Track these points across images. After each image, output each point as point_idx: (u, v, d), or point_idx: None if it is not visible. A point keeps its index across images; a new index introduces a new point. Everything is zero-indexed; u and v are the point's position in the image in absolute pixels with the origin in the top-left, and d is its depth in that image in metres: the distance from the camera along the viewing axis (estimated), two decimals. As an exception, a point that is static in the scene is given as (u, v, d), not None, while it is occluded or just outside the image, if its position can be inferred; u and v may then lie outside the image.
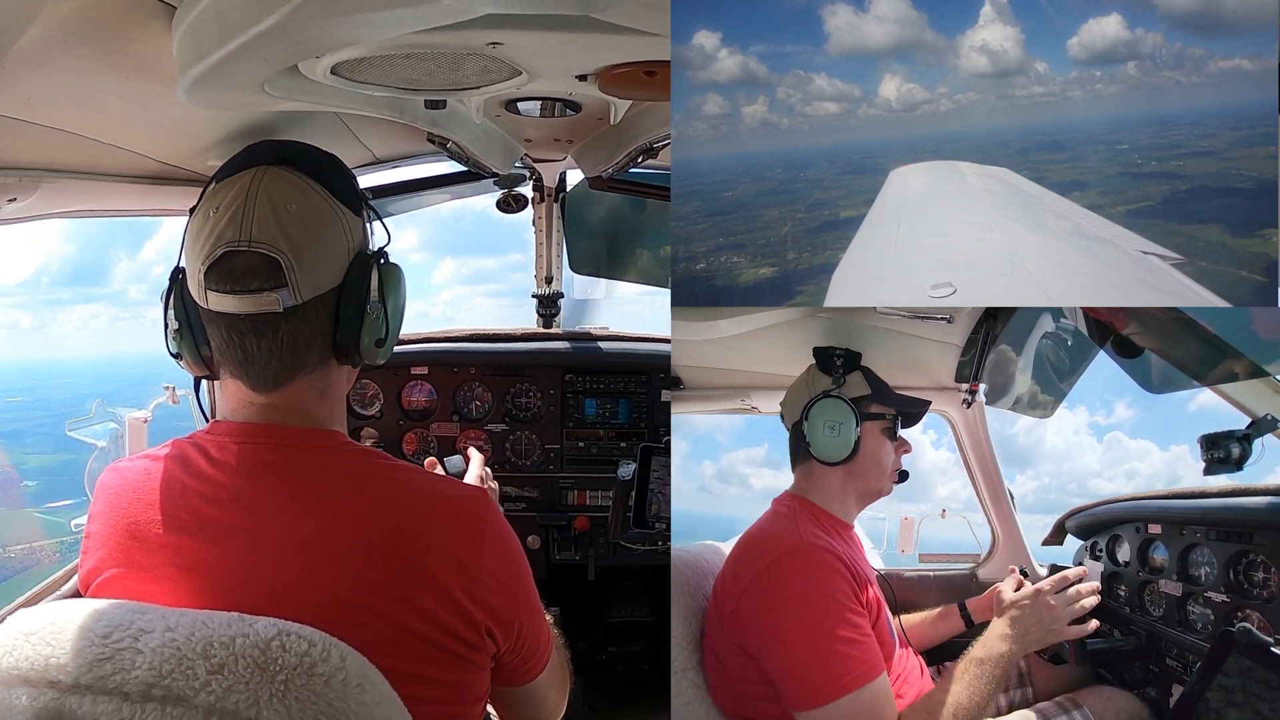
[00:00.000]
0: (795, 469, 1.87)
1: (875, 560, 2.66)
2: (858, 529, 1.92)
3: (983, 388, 2.43)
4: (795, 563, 1.63)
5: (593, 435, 2.99)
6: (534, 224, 3.28)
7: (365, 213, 1.26)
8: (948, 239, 1.97)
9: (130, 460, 1.24)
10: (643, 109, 2.01)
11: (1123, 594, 2.24)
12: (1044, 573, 2.21)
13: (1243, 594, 1.85)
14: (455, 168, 2.75)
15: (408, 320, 1.33)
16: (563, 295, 3.37)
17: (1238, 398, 1.85)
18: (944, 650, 2.15)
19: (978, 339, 2.23)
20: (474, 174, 2.78)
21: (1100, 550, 2.36)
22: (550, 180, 3.17)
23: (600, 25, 1.20)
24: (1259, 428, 1.68)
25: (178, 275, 1.23)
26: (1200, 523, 1.98)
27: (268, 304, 1.13)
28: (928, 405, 1.93)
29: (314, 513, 1.12)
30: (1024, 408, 2.54)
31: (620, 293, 3.58)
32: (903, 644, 1.90)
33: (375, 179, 2.72)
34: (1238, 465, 1.68)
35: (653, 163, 2.42)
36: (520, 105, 1.95)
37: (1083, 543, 2.48)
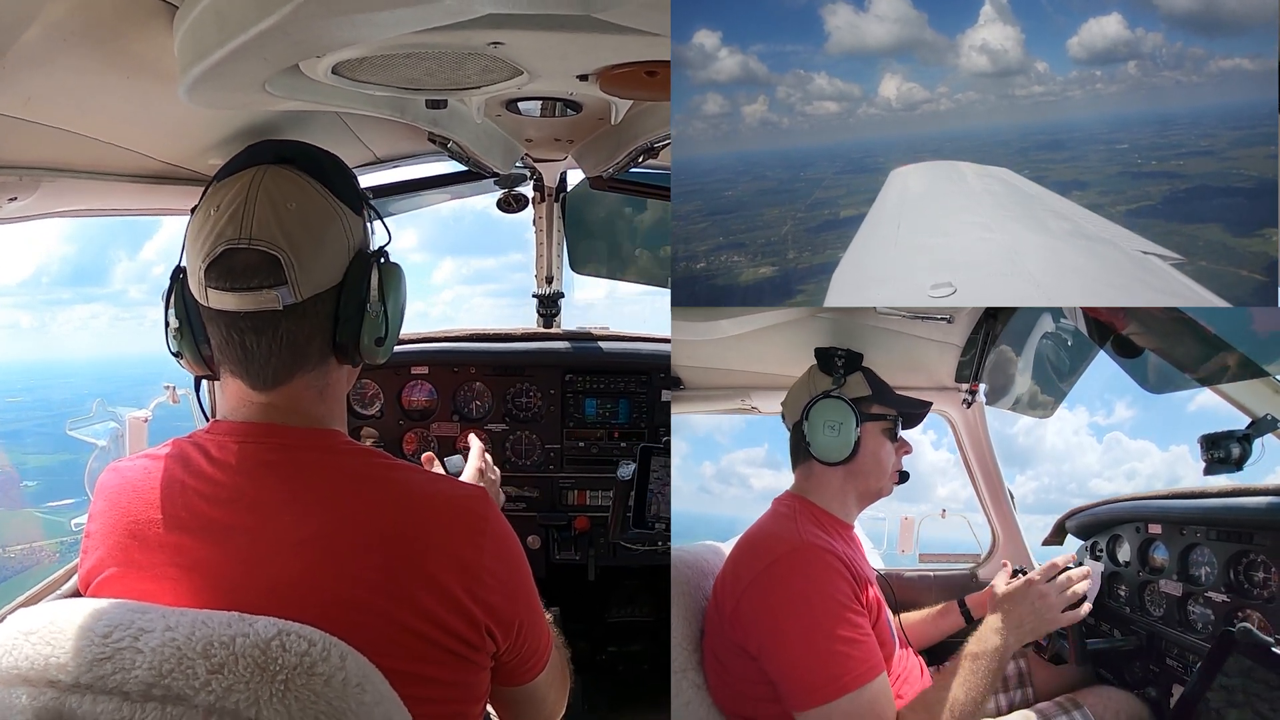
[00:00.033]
0: (796, 469, 1.87)
1: (875, 560, 2.66)
2: (858, 530, 1.92)
3: (983, 388, 2.43)
4: (795, 562, 1.63)
5: (593, 435, 2.99)
6: (534, 224, 3.28)
7: (366, 212, 1.26)
8: (948, 239, 1.97)
9: (130, 460, 1.25)
10: (643, 109, 2.01)
11: (1123, 594, 2.24)
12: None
13: (1243, 594, 1.85)
14: (456, 167, 2.75)
15: (408, 320, 1.33)
16: (563, 295, 3.37)
17: (1238, 398, 1.85)
18: (944, 649, 2.15)
19: (978, 339, 2.23)
20: (475, 174, 2.78)
21: (1100, 550, 2.36)
22: (551, 180, 3.17)
23: (601, 25, 1.20)
24: (1259, 428, 1.68)
25: (179, 274, 1.23)
26: (1200, 523, 1.98)
27: (267, 301, 1.13)
28: (929, 407, 1.92)
29: (314, 512, 1.12)
30: (1024, 408, 2.54)
31: (620, 293, 3.58)
32: (903, 644, 1.90)
33: (376, 178, 2.72)
34: (1238, 465, 1.68)
35: (653, 163, 2.42)
36: (521, 105, 1.95)
37: (1083, 543, 2.48)
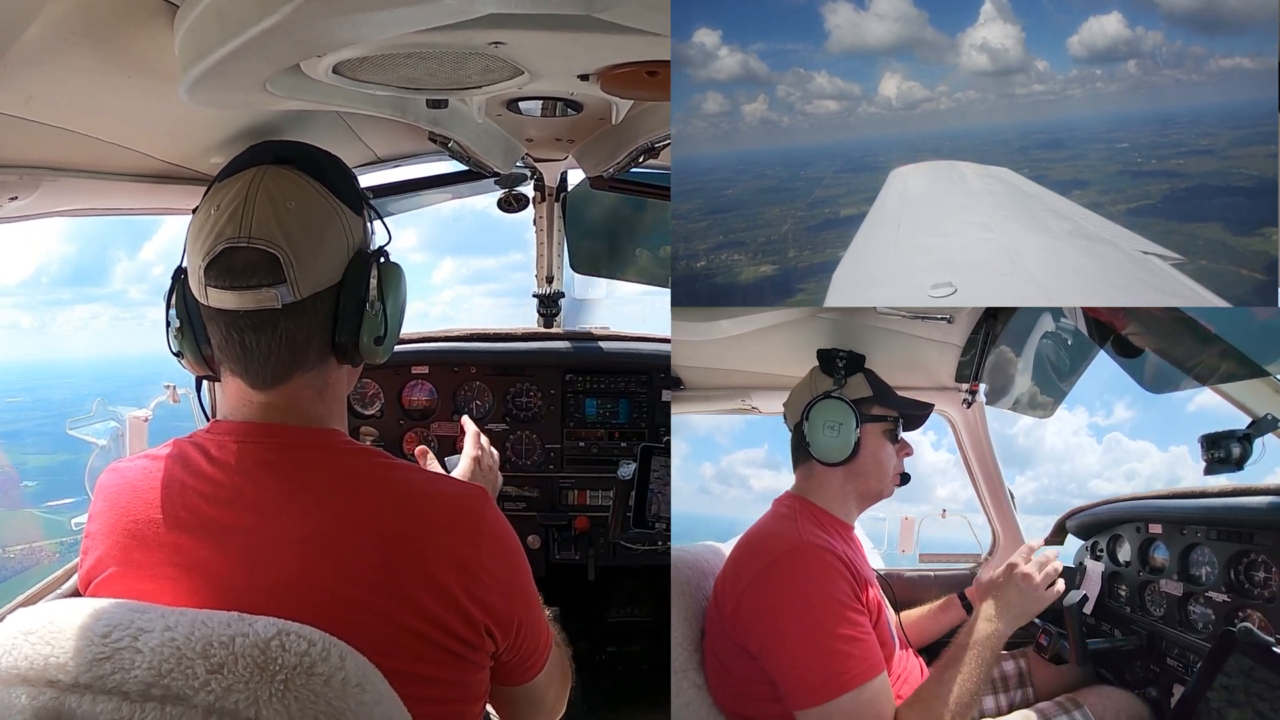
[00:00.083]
0: (796, 470, 1.87)
1: (876, 560, 2.66)
2: (858, 531, 1.92)
3: (983, 388, 2.43)
4: (795, 562, 1.63)
5: (593, 435, 2.99)
6: (535, 223, 3.28)
7: (366, 212, 1.26)
8: (948, 239, 1.97)
9: (130, 460, 1.25)
10: (644, 109, 2.01)
11: (1123, 594, 2.24)
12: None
13: (1243, 594, 1.85)
14: (456, 167, 2.74)
15: (408, 320, 1.33)
16: (563, 295, 3.37)
17: (1238, 397, 1.85)
18: (946, 646, 2.15)
19: (978, 339, 2.23)
20: (475, 173, 2.77)
21: (1101, 550, 2.36)
22: (551, 180, 3.16)
23: (602, 25, 1.20)
24: (1259, 427, 1.68)
25: (180, 275, 1.24)
26: (1201, 522, 1.98)
27: (266, 300, 1.13)
28: (930, 408, 1.92)
29: (313, 512, 1.12)
30: (1024, 408, 2.54)
31: (620, 292, 3.57)
32: (903, 645, 1.90)
33: (377, 178, 2.72)
34: (1238, 465, 1.68)
35: (653, 162, 2.42)
36: (522, 105, 1.95)
37: (1083, 542, 2.48)
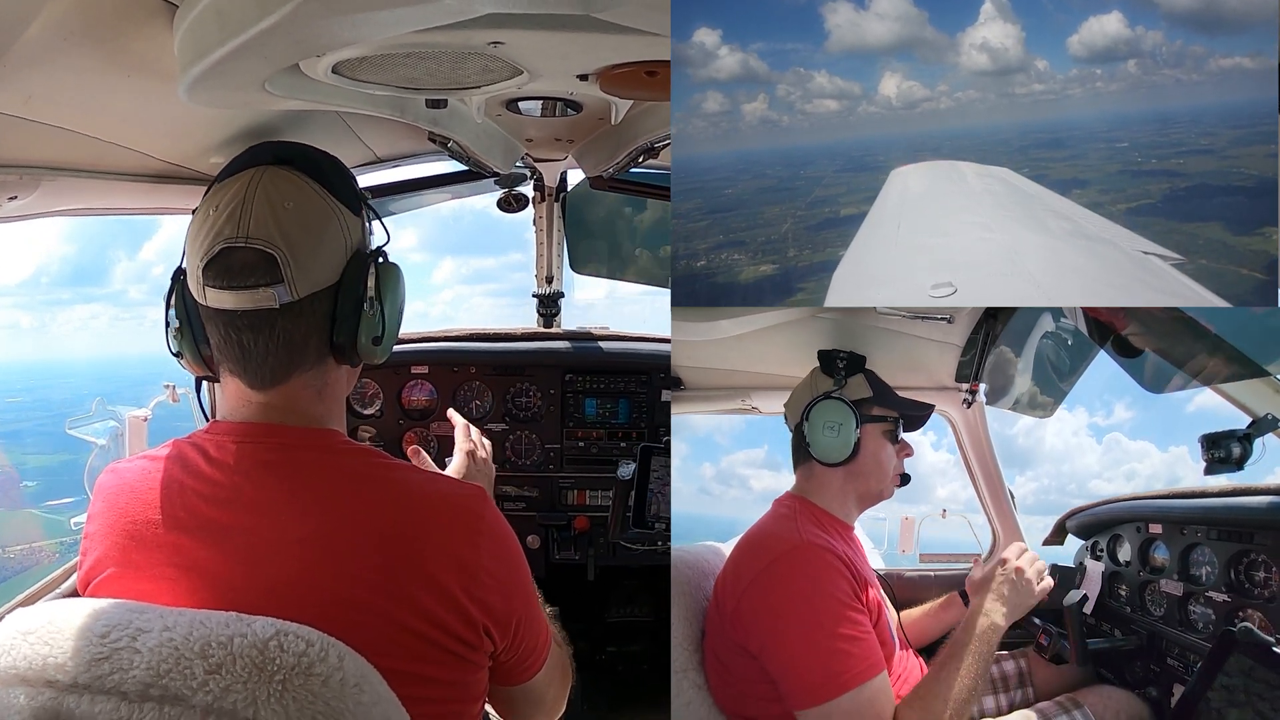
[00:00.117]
0: (797, 470, 1.87)
1: (876, 560, 2.66)
2: (859, 531, 1.92)
3: (983, 388, 2.43)
4: (795, 561, 1.63)
5: (593, 435, 2.99)
6: (535, 223, 3.28)
7: (364, 212, 1.26)
8: (948, 239, 1.96)
9: (129, 461, 1.25)
10: (644, 109, 2.01)
11: (1124, 594, 2.24)
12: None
13: (1244, 593, 1.85)
14: (456, 167, 2.74)
15: (407, 320, 1.33)
16: (563, 295, 3.37)
17: (1238, 397, 1.85)
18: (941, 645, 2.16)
19: (978, 339, 2.23)
20: (475, 173, 2.77)
21: (1101, 550, 2.36)
22: (551, 180, 3.16)
23: (601, 25, 1.20)
24: (1259, 427, 1.68)
25: (179, 275, 1.24)
26: (1201, 522, 1.98)
27: (264, 299, 1.13)
28: (931, 409, 1.92)
29: (312, 512, 1.12)
30: (1024, 408, 2.54)
31: (620, 293, 3.57)
32: (903, 645, 1.90)
33: (376, 178, 2.72)
34: (1238, 465, 1.68)
35: (653, 162, 2.42)
36: (521, 105, 1.95)
37: (1083, 542, 2.48)
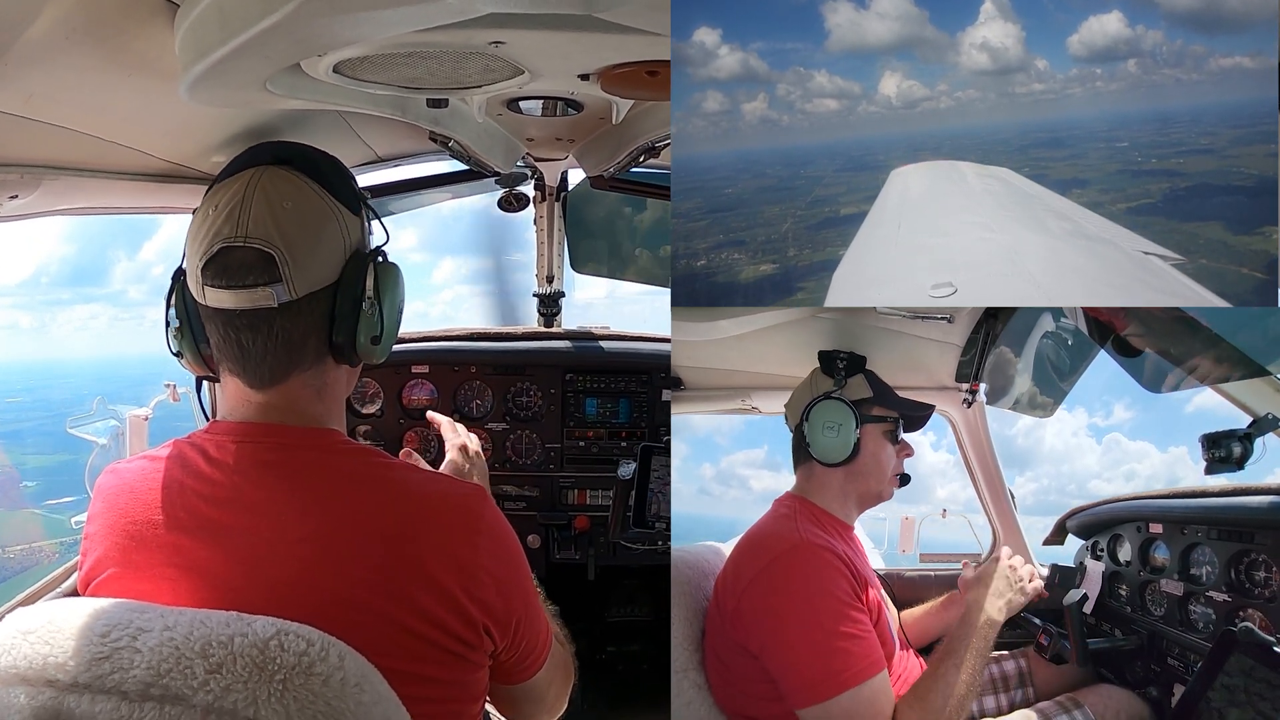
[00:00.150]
0: (797, 470, 1.87)
1: (876, 560, 2.66)
2: (859, 531, 1.92)
3: (983, 388, 2.43)
4: (795, 561, 1.63)
5: (593, 434, 2.99)
6: (535, 223, 3.28)
7: (364, 212, 1.26)
8: (948, 239, 1.97)
9: (128, 461, 1.25)
10: (644, 108, 2.00)
11: (1124, 593, 2.24)
12: (1044, 572, 2.21)
13: (1244, 593, 1.85)
14: (457, 166, 2.75)
15: (407, 319, 1.33)
16: (563, 294, 3.37)
17: (1238, 397, 1.85)
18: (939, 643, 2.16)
19: (978, 339, 2.22)
20: (475, 173, 2.77)
21: (1101, 550, 2.36)
22: (552, 179, 3.16)
23: (602, 25, 1.20)
24: (1260, 426, 1.67)
25: (179, 275, 1.24)
26: (1201, 522, 1.98)
27: (262, 299, 1.13)
28: (931, 410, 1.92)
29: (312, 512, 1.13)
30: (1024, 408, 2.54)
31: (620, 293, 3.57)
32: (903, 645, 1.90)
33: (377, 177, 2.72)
34: (1239, 464, 1.68)
35: (654, 162, 2.41)
36: (522, 104, 1.95)
37: (1084, 542, 2.48)
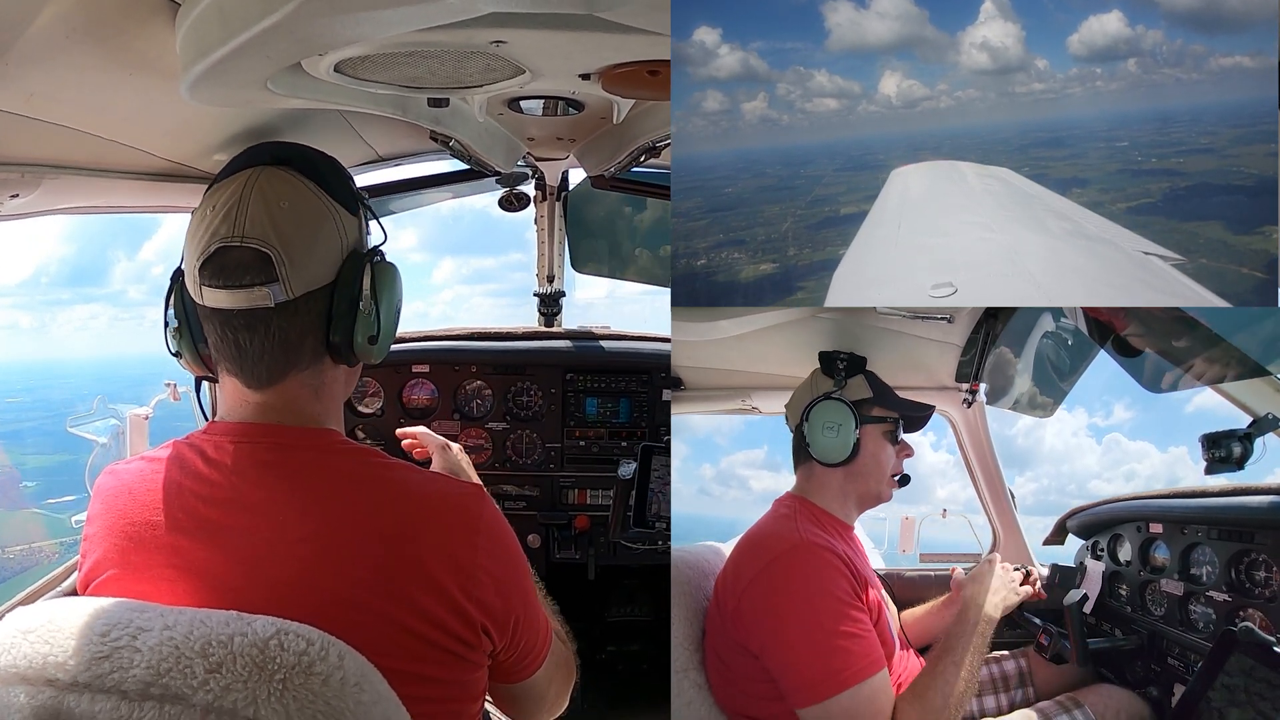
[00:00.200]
0: (797, 470, 1.87)
1: (876, 560, 2.66)
2: (859, 531, 1.92)
3: (983, 388, 2.43)
4: (795, 560, 1.63)
5: (593, 434, 2.99)
6: (536, 222, 3.28)
7: (361, 212, 1.26)
8: (948, 239, 1.97)
9: (127, 462, 1.25)
10: (645, 108, 2.00)
11: (1124, 593, 2.24)
12: (1044, 572, 2.22)
13: (1244, 593, 1.85)
14: (458, 166, 2.75)
15: (407, 319, 1.33)
16: (564, 294, 3.37)
17: (1238, 396, 1.85)
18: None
19: (978, 339, 2.22)
20: (476, 172, 2.77)
21: (1101, 550, 2.36)
22: (553, 179, 3.17)
23: (603, 24, 1.20)
24: (1260, 426, 1.67)
25: (178, 275, 1.24)
26: (1201, 522, 1.98)
27: (259, 299, 1.13)
28: (931, 410, 1.92)
29: (311, 512, 1.13)
30: (1024, 408, 2.54)
31: (621, 292, 3.57)
32: (903, 645, 1.90)
33: (378, 177, 2.72)
34: (1239, 464, 1.68)
35: (654, 162, 2.41)
36: (523, 104, 1.95)
37: (1084, 542, 2.48)
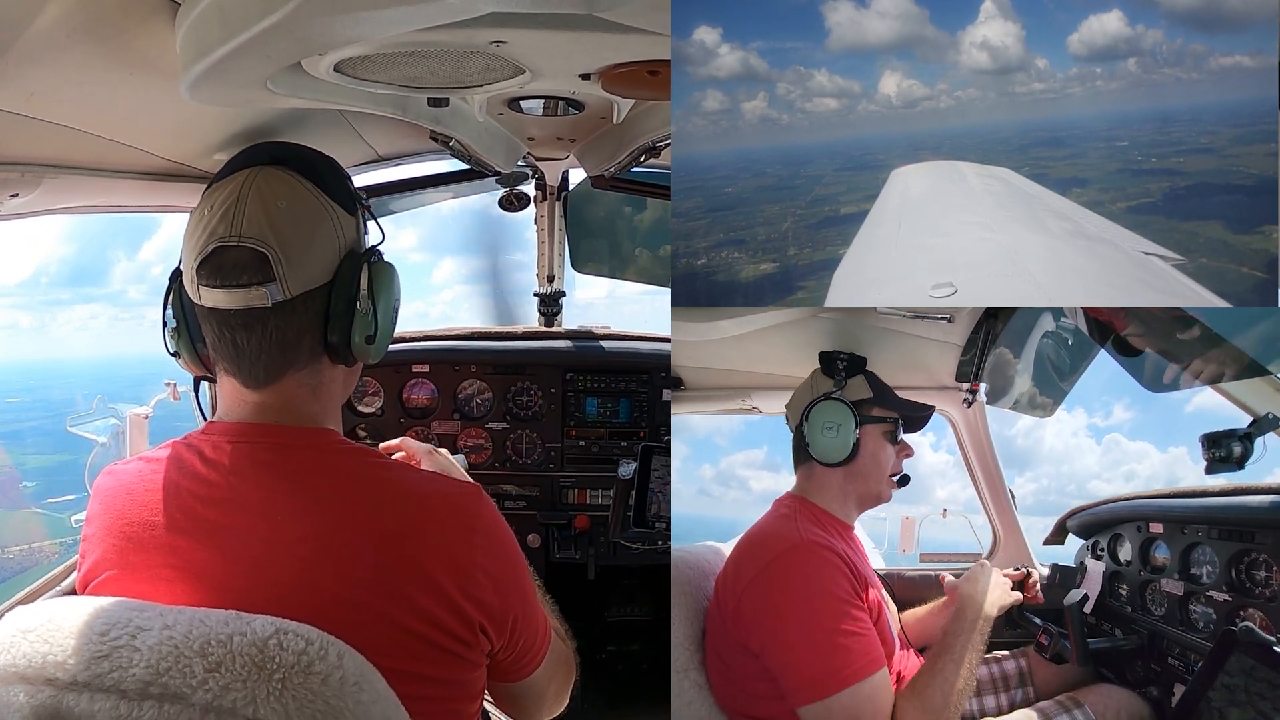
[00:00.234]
0: (797, 470, 1.87)
1: (876, 560, 2.66)
2: (859, 531, 1.92)
3: (983, 387, 2.43)
4: (795, 559, 1.63)
5: (593, 434, 2.99)
6: (536, 222, 3.28)
7: (359, 212, 1.26)
8: (948, 239, 1.97)
9: (125, 463, 1.25)
10: (645, 108, 2.00)
11: (1124, 593, 2.24)
12: (1045, 572, 2.22)
13: (1244, 593, 1.85)
14: (458, 166, 2.75)
15: (407, 319, 1.33)
16: (564, 294, 3.37)
17: (1238, 396, 1.85)
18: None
19: (978, 339, 2.22)
20: (476, 172, 2.77)
21: (1102, 549, 2.36)
22: (553, 179, 3.17)
23: (604, 24, 1.21)
24: (1260, 426, 1.67)
25: (176, 275, 1.25)
26: (1202, 522, 1.98)
27: (256, 298, 1.13)
28: (931, 410, 1.92)
29: (310, 512, 1.13)
30: (1024, 408, 2.54)
31: (621, 292, 3.57)
32: (904, 645, 1.90)
33: (378, 177, 2.72)
34: (1239, 464, 1.67)
35: (655, 162, 2.41)
36: (523, 104, 1.95)
37: (1084, 542, 2.48)
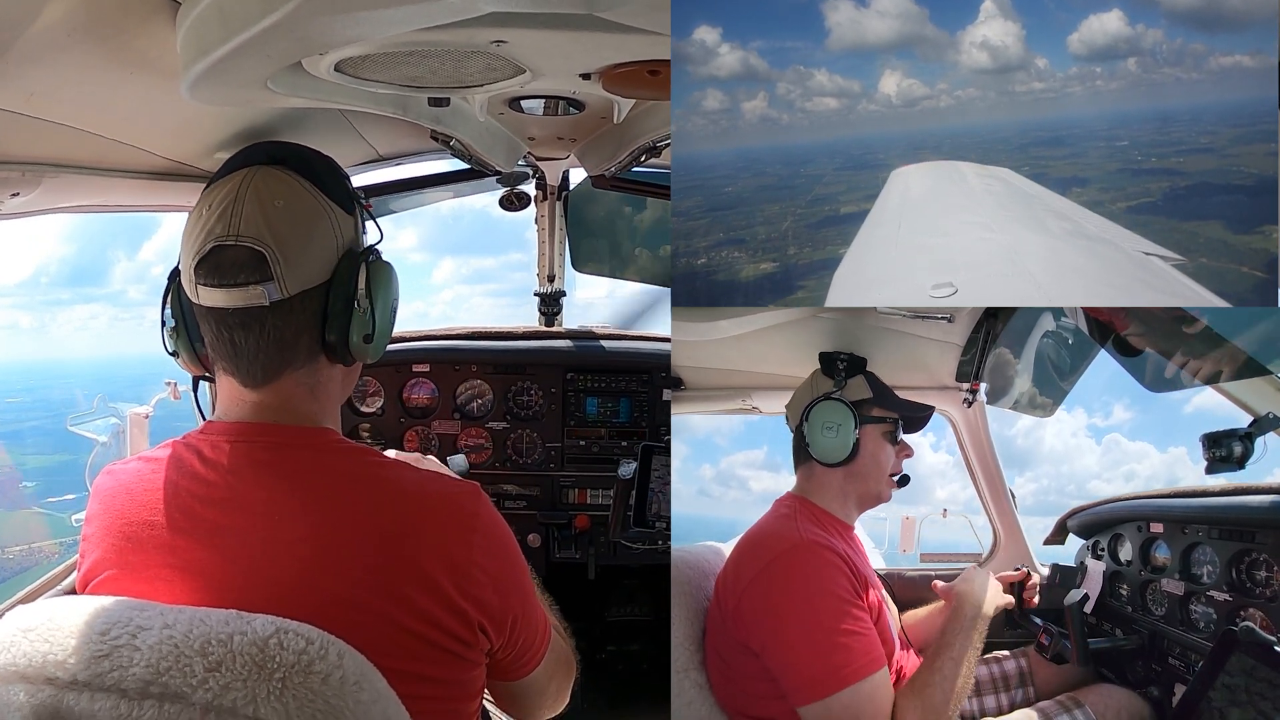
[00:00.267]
0: (797, 470, 1.87)
1: (876, 560, 2.66)
2: (859, 532, 1.92)
3: (983, 387, 2.43)
4: (795, 559, 1.64)
5: (594, 434, 2.99)
6: (537, 222, 3.28)
7: (358, 211, 1.26)
8: (948, 239, 1.97)
9: (125, 462, 1.25)
10: (646, 108, 2.00)
11: (1125, 593, 2.24)
12: (1045, 572, 2.21)
13: (1245, 593, 1.85)
14: (458, 165, 2.75)
15: (407, 319, 1.33)
16: (565, 294, 3.37)
17: (1239, 396, 1.85)
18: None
19: (978, 339, 2.22)
20: (477, 172, 2.77)
21: (1102, 549, 2.36)
22: (553, 178, 3.17)
23: (604, 24, 1.20)
24: (1261, 426, 1.67)
25: (175, 275, 1.25)
26: (1202, 521, 1.98)
27: (254, 297, 1.13)
28: (931, 411, 1.92)
29: (309, 512, 1.13)
30: (1024, 408, 2.53)
31: (621, 292, 3.57)
32: (904, 645, 1.90)
33: (378, 176, 2.72)
34: (1239, 464, 1.67)
35: (655, 162, 2.41)
36: (524, 103, 1.95)
37: (1084, 542, 2.48)
